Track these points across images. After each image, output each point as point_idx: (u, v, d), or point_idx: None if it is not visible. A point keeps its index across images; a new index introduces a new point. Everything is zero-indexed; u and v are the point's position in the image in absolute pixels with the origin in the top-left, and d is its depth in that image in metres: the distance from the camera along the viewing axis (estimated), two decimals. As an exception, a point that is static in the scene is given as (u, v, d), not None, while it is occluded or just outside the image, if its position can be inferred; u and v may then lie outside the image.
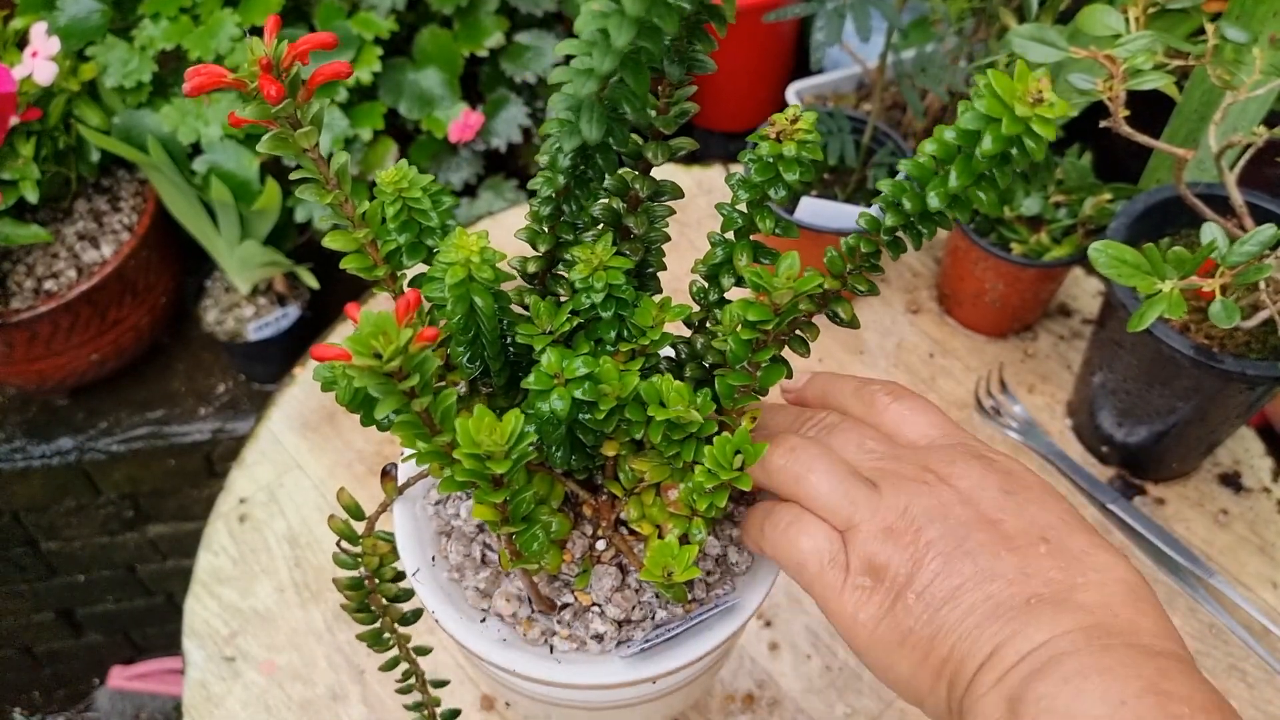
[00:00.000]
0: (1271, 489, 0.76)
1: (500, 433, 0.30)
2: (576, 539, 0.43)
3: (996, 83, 0.28)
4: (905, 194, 0.33)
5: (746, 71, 1.15)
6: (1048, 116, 0.28)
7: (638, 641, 0.41)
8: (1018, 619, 0.32)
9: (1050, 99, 0.28)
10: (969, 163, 0.31)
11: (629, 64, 0.30)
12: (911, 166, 0.33)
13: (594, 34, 0.28)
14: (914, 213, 0.34)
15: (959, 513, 0.35)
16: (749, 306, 0.35)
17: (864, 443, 0.39)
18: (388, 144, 0.99)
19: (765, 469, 0.39)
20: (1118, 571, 0.34)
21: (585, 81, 0.29)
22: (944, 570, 0.34)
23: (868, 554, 0.35)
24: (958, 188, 0.31)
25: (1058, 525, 0.35)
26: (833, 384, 0.43)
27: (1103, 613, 0.32)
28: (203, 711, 0.67)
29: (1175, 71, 0.58)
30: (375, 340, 0.28)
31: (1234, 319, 0.54)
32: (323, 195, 0.38)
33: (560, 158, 0.36)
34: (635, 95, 0.31)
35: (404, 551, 0.44)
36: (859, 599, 0.35)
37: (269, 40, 0.34)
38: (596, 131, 0.32)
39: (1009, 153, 0.30)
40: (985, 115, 0.29)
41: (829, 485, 0.37)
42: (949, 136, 0.31)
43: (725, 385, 0.38)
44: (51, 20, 0.91)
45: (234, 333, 1.05)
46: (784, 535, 0.38)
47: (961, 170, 0.31)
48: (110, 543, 1.23)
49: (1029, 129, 0.28)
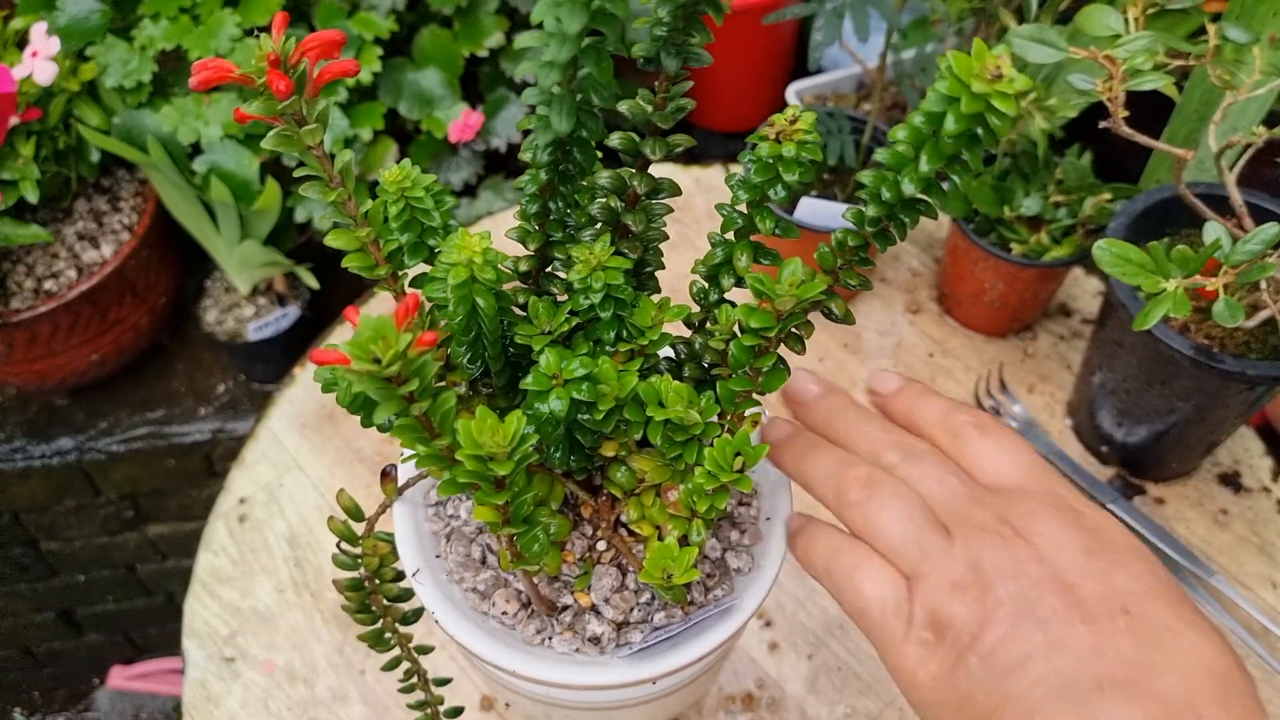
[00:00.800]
0: (1271, 489, 0.76)
1: (503, 434, 0.30)
2: (576, 540, 0.43)
3: (955, 62, 0.28)
4: (885, 184, 0.33)
5: (746, 71, 1.15)
6: (1006, 92, 0.28)
7: (637, 643, 0.41)
8: (1086, 703, 0.29)
9: (1009, 74, 0.28)
10: (937, 145, 0.31)
11: (589, 52, 0.30)
12: (888, 155, 0.33)
13: (551, 23, 0.29)
14: (894, 201, 0.33)
15: (1033, 572, 0.32)
16: (752, 313, 0.35)
17: (945, 479, 0.37)
18: (387, 144, 0.99)
19: (840, 500, 0.37)
20: (1206, 654, 0.30)
21: (549, 72, 0.30)
22: (1011, 635, 0.31)
23: (933, 607, 0.33)
24: (929, 171, 0.31)
25: (1142, 595, 0.32)
26: (921, 403, 0.40)
27: (1181, 706, 0.29)
28: (203, 711, 0.67)
29: (1175, 72, 0.58)
30: (374, 345, 0.28)
31: (1238, 318, 0.54)
32: (326, 193, 0.38)
33: (539, 153, 0.36)
34: (601, 84, 0.32)
35: (404, 552, 0.44)
36: (920, 655, 0.33)
37: (277, 37, 0.34)
38: (566, 123, 0.32)
39: (975, 131, 0.30)
40: (946, 96, 0.29)
41: (901, 529, 0.35)
42: (917, 121, 0.31)
43: (727, 390, 0.38)
44: (51, 20, 0.91)
45: (234, 333, 1.05)
46: (849, 578, 0.36)
47: (931, 153, 0.31)
48: (110, 543, 1.22)
49: (990, 105, 0.28)
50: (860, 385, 0.82)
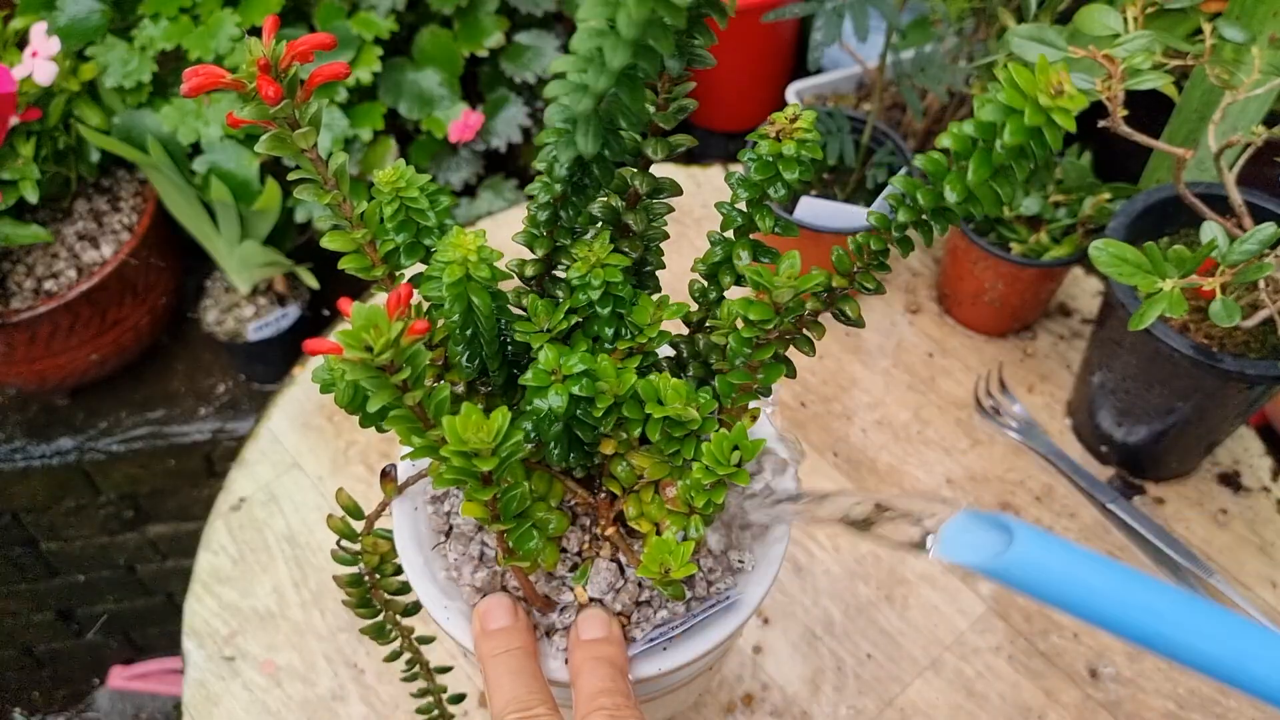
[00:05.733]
0: (1271, 488, 0.76)
1: (487, 430, 0.30)
2: (574, 536, 0.43)
3: (1018, 75, 0.29)
4: (919, 189, 0.33)
5: (746, 71, 1.15)
6: (1068, 108, 0.28)
7: (640, 641, 0.41)
8: None
9: (1070, 91, 0.28)
10: (988, 155, 0.31)
11: (625, 82, 0.30)
12: (926, 162, 0.33)
13: (591, 51, 0.28)
14: (928, 208, 0.33)
15: None
16: (750, 305, 0.35)
17: None
18: (387, 144, 0.99)
19: None
20: None
21: (581, 98, 0.29)
22: None
23: None
24: (975, 181, 0.31)
25: None
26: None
27: None
28: (202, 711, 0.67)
29: (1174, 71, 0.58)
30: (366, 334, 0.28)
31: (1235, 318, 0.54)
32: (321, 195, 0.38)
33: (557, 167, 0.36)
34: (631, 111, 0.31)
35: (403, 550, 0.44)
36: None
37: (267, 41, 0.34)
38: (593, 145, 0.31)
39: (1027, 145, 0.30)
40: (1006, 107, 0.29)
41: None
42: (967, 130, 0.31)
43: (725, 384, 0.38)
44: (51, 20, 0.91)
45: (234, 333, 1.05)
46: None
47: (980, 163, 0.31)
48: (110, 543, 1.23)
49: (1050, 120, 0.29)
50: (859, 385, 0.82)
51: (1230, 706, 0.65)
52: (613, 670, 0.39)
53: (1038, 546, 0.33)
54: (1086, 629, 0.68)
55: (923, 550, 0.35)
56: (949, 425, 0.79)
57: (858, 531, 0.37)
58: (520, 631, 0.40)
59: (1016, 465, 0.77)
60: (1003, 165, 0.31)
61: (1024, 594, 0.33)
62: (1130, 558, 0.72)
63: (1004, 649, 0.68)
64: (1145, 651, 0.37)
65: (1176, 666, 0.31)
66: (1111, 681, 0.66)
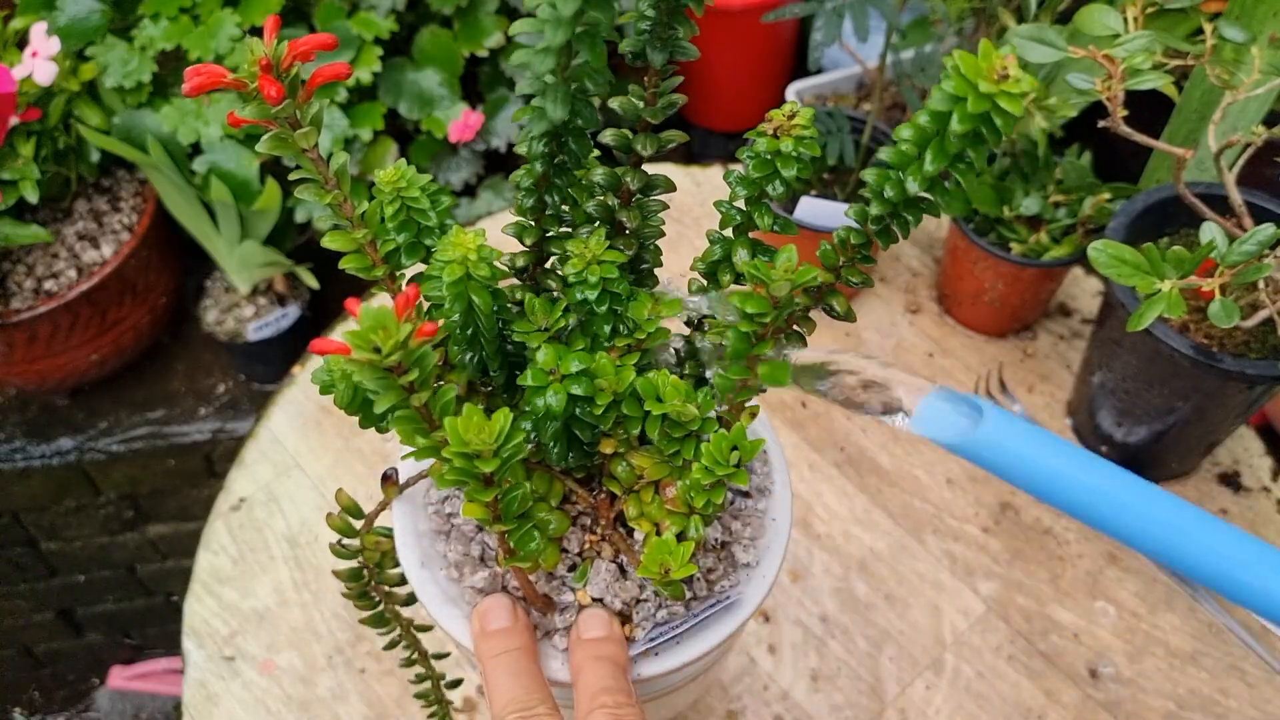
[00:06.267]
0: (1271, 488, 0.76)
1: (488, 431, 0.30)
2: (574, 536, 0.43)
3: (962, 62, 0.29)
4: (889, 182, 0.33)
5: (746, 72, 1.15)
6: (1013, 92, 0.28)
7: (640, 640, 0.41)
8: None
9: (1016, 75, 0.28)
10: (942, 144, 0.31)
11: (584, 38, 0.30)
12: (892, 154, 0.33)
13: (546, 10, 0.29)
14: (897, 200, 0.34)
15: None
16: (747, 299, 0.35)
17: None
18: (387, 144, 0.99)
19: None
20: None
21: (544, 59, 0.30)
22: None
23: None
24: (933, 170, 0.31)
25: None
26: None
27: None
28: (202, 711, 0.67)
29: (1174, 71, 0.58)
30: (375, 335, 0.28)
31: (1233, 318, 0.54)
32: (321, 195, 0.38)
33: (534, 144, 0.36)
34: (595, 70, 0.32)
35: (403, 550, 0.44)
36: None
37: (269, 40, 0.34)
38: (561, 110, 0.32)
39: (979, 131, 0.30)
40: (952, 95, 0.29)
41: None
42: (923, 120, 0.31)
43: (723, 380, 0.38)
44: (51, 20, 0.91)
45: (234, 333, 1.05)
46: None
47: (935, 152, 0.31)
48: (110, 543, 1.23)
49: (995, 105, 0.29)
50: (860, 385, 0.82)
51: (1230, 707, 0.65)
52: (614, 669, 0.39)
53: (1006, 427, 0.35)
54: (1087, 629, 0.68)
55: (898, 421, 0.37)
56: (949, 425, 0.79)
57: (847, 408, 0.39)
58: (520, 632, 0.40)
59: (1016, 465, 0.77)
60: (959, 153, 0.31)
61: (991, 471, 0.35)
62: (1130, 557, 0.72)
63: (1004, 649, 0.68)
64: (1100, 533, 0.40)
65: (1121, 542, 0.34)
66: (1111, 681, 0.66)
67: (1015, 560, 0.72)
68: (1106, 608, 0.70)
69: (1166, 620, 0.69)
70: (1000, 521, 0.74)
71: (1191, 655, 0.67)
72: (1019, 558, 0.72)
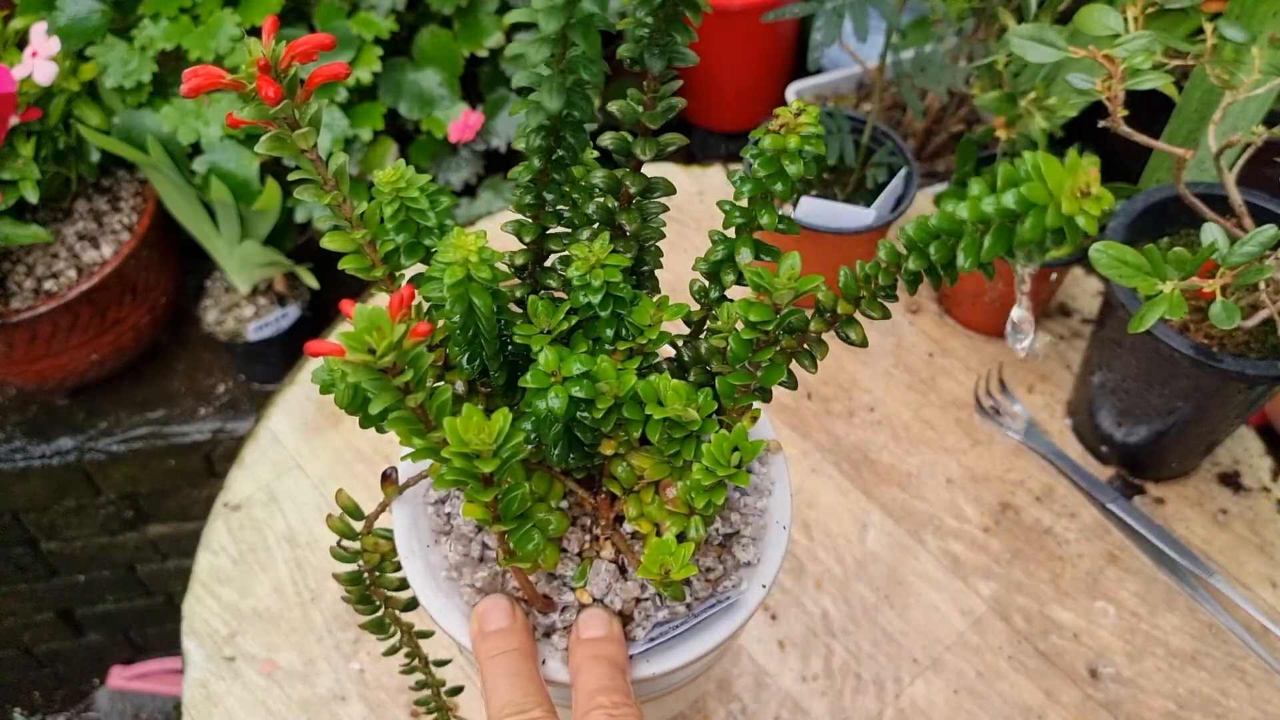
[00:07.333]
0: (1271, 488, 0.76)
1: (488, 432, 0.30)
2: (574, 537, 0.43)
3: (1046, 169, 0.27)
4: (934, 244, 0.32)
5: (746, 72, 1.15)
6: (1092, 213, 0.26)
7: (640, 640, 0.41)
8: None
9: (1098, 193, 0.26)
10: (1007, 235, 0.29)
11: (578, 26, 0.30)
12: (942, 219, 0.31)
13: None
14: (940, 262, 0.33)
15: None
16: (750, 306, 0.35)
17: None
18: (387, 144, 0.99)
19: None
20: None
21: (539, 48, 0.30)
22: None
23: None
24: (988, 256, 0.30)
25: None
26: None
27: None
28: (202, 711, 0.67)
29: (1174, 71, 0.58)
30: (369, 335, 0.28)
31: (1234, 320, 0.54)
32: (321, 196, 0.38)
33: (531, 138, 0.36)
34: (590, 60, 0.32)
35: (403, 551, 0.44)
36: None
37: (267, 41, 0.34)
38: (556, 101, 0.32)
39: (1044, 240, 0.28)
40: (1028, 199, 0.27)
41: None
42: (987, 208, 0.29)
43: (726, 385, 0.38)
44: (51, 20, 0.91)
45: (234, 333, 1.05)
46: None
47: (997, 240, 0.30)
48: (110, 543, 1.23)
49: (1072, 222, 0.27)
50: (860, 385, 0.82)
51: (1230, 707, 0.65)
52: (612, 669, 0.39)
53: None
54: (1087, 629, 0.68)
55: None
56: (949, 425, 0.79)
57: None
58: (518, 633, 0.40)
59: (1016, 465, 0.77)
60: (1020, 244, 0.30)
61: None
62: (1130, 557, 0.72)
63: (1004, 649, 0.68)
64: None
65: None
66: (1111, 681, 0.66)
67: (1015, 560, 0.72)
68: (1106, 608, 0.70)
69: (1166, 620, 0.69)
70: (1000, 521, 0.74)
71: (1191, 655, 0.67)
72: (1019, 558, 0.72)
